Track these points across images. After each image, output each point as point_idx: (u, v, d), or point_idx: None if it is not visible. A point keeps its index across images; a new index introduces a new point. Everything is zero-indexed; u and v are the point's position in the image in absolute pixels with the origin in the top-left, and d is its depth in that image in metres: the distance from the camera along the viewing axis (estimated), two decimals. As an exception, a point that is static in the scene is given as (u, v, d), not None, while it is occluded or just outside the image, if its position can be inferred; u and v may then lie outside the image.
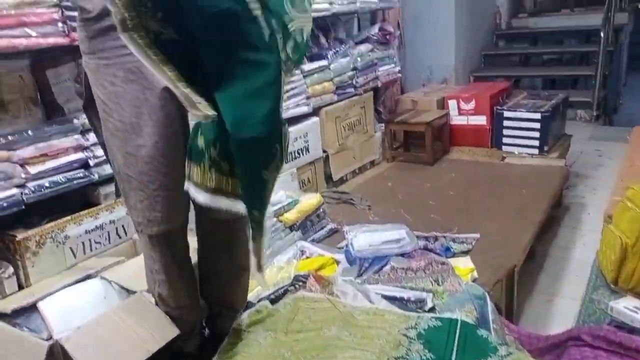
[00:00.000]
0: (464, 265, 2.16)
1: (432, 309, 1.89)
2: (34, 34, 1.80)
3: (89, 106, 1.49)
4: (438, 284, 2.02)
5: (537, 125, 3.47)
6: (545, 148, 3.50)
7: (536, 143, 3.51)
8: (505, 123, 3.60)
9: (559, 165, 3.36)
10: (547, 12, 6.83)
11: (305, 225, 2.54)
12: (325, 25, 3.70)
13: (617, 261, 1.74)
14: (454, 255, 2.29)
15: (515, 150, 3.59)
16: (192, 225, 1.60)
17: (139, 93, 1.34)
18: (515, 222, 2.57)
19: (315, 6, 3.17)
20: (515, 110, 3.58)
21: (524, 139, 3.55)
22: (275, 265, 2.26)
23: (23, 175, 1.82)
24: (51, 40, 1.86)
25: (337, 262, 2.30)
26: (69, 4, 1.86)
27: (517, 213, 2.67)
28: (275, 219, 2.43)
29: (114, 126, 1.38)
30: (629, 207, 1.82)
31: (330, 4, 3.29)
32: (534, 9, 6.79)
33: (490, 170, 3.38)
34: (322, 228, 2.62)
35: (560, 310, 2.30)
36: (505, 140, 3.63)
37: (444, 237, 2.45)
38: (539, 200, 2.82)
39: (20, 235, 1.81)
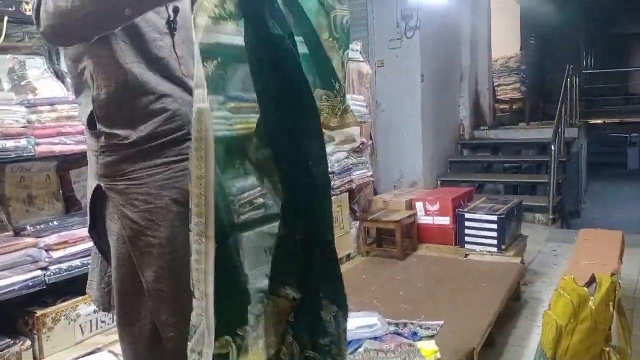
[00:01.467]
0: (429, 347, 2.44)
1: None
2: (68, 142, 2.17)
3: (95, 229, 1.47)
4: (406, 363, 2.30)
5: (495, 226, 3.88)
6: (503, 247, 3.89)
7: (494, 242, 3.90)
8: (467, 224, 4.01)
9: (515, 262, 3.74)
10: (506, 126, 7.58)
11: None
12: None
13: (554, 340, 2.06)
14: (421, 339, 2.57)
15: (477, 248, 3.97)
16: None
17: (172, 207, 1.37)
18: (476, 312, 2.87)
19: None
20: (475, 213, 4.01)
21: (484, 238, 3.94)
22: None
23: (47, 260, 2.10)
24: (81, 147, 2.22)
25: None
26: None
27: (477, 303, 2.99)
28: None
29: (146, 244, 1.37)
30: (562, 295, 2.17)
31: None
32: (494, 122, 7.52)
33: (454, 266, 3.73)
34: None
35: (516, 391, 2.55)
36: (467, 239, 4.02)
37: (412, 323, 2.74)
38: (497, 292, 3.15)
39: (39, 312, 2.05)
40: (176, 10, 1.41)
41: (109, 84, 1.34)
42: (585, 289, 2.09)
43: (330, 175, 3.91)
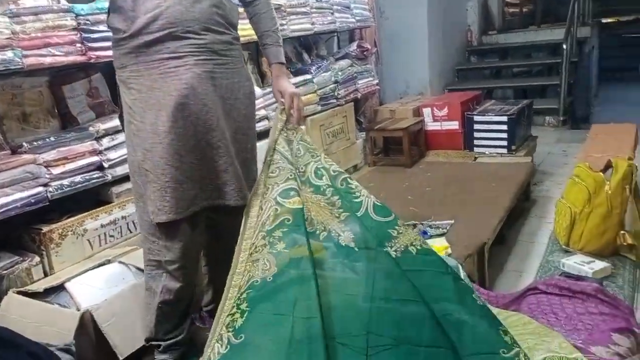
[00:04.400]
0: (439, 244, 2.43)
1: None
2: (57, 53, 2.07)
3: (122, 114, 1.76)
4: (416, 260, 2.29)
5: (505, 127, 3.79)
6: (513, 147, 3.81)
7: (504, 143, 3.82)
8: (476, 127, 3.92)
9: (525, 161, 3.68)
10: (515, 29, 7.26)
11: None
12: (307, 44, 4.03)
13: (568, 227, 2.03)
14: (430, 237, 2.56)
15: (486, 150, 3.90)
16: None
17: (160, 99, 1.61)
18: (486, 209, 2.84)
19: (298, 26, 3.50)
20: (484, 115, 3.90)
21: (493, 140, 3.86)
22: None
23: (47, 176, 2.07)
24: (71, 58, 2.13)
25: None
26: (86, 27, 2.14)
27: (487, 202, 2.95)
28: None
29: (136, 127, 1.65)
30: (576, 182, 2.12)
31: (312, 24, 3.61)
32: (503, 26, 7.22)
33: (463, 169, 3.67)
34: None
35: (527, 282, 2.56)
36: (476, 142, 3.94)
37: (422, 224, 2.72)
38: (507, 190, 3.10)
39: (45, 229, 2.05)
40: None
41: None
42: (601, 174, 2.03)
43: (334, 85, 3.79)
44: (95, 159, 2.25)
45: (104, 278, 1.96)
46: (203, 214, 1.75)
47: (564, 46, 5.42)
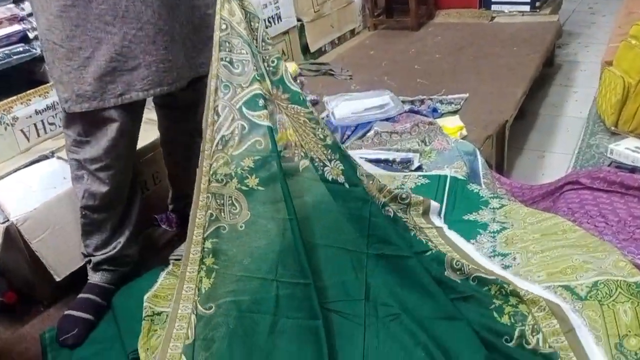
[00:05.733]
0: (452, 124, 2.03)
1: (419, 168, 1.77)
2: None
3: None
4: (425, 144, 1.90)
5: (529, -22, 3.19)
6: (537, 4, 3.25)
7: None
8: (494, -21, 3.32)
9: (551, 20, 3.14)
10: None
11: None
12: None
13: (619, 102, 1.60)
14: (442, 115, 2.15)
15: (505, 8, 3.35)
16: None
17: None
18: (506, 80, 2.40)
19: None
20: (505, -36, 3.28)
21: (514, -5, 3.29)
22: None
23: (-47, 49, 1.61)
24: None
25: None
26: None
27: (507, 70, 2.50)
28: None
29: None
30: (632, 45, 1.65)
31: None
32: None
33: (478, 31, 3.15)
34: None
35: (551, 164, 2.20)
36: (494, -2, 3.37)
37: (430, 99, 2.29)
38: (530, 56, 2.63)
39: (-42, 119, 1.63)
40: None
41: None
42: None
43: None
44: (16, 27, 1.77)
45: (38, 179, 1.58)
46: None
47: None
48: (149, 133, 1.71)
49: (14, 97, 1.75)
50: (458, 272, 1.17)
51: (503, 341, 1.03)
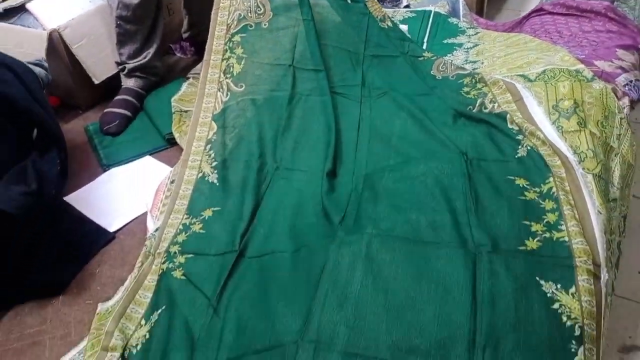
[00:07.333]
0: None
1: (407, 7, 2.00)
2: None
3: None
4: (412, -13, 2.11)
5: None
6: None
7: None
8: None
9: None
10: None
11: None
12: None
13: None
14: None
15: None
16: None
17: None
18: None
19: None
20: None
21: None
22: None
23: None
24: None
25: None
26: None
27: None
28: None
29: None
30: None
31: None
32: None
33: None
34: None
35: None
36: None
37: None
38: None
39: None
40: None
41: None
42: None
43: None
44: None
45: (69, -2, 1.76)
46: None
47: None
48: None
49: None
50: (442, 72, 1.46)
51: (467, 109, 1.33)
